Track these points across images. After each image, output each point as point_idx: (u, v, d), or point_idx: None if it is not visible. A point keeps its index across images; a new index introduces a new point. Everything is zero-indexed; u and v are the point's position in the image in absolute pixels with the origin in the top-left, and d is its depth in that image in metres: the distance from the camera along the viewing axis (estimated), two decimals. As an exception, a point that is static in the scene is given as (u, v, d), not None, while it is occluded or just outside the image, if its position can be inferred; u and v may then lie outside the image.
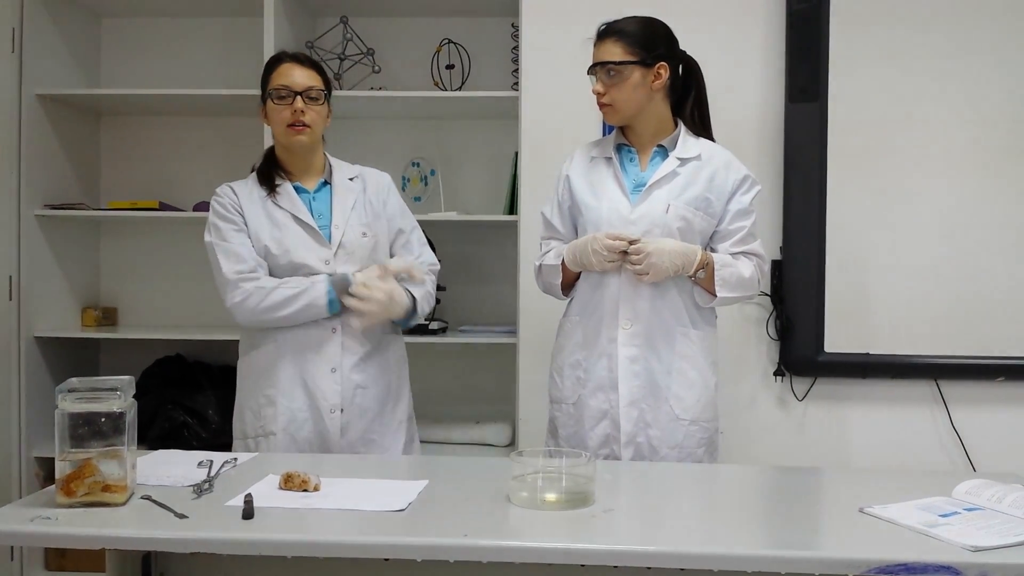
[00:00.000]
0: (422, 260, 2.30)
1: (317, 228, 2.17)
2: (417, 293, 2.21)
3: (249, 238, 2.15)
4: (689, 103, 2.17)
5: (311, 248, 2.15)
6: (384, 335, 2.25)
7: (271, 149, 2.26)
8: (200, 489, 1.63)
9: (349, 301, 2.08)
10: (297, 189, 2.22)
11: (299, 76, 2.15)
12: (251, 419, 2.18)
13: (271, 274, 2.14)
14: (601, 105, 2.11)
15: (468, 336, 3.06)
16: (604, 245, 2.03)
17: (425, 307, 2.24)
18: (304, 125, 2.14)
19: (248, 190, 2.21)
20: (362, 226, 2.21)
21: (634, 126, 2.16)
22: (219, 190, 2.22)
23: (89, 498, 1.52)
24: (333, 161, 2.30)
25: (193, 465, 1.80)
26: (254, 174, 2.25)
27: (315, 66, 2.21)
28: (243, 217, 2.17)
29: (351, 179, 2.27)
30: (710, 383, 2.14)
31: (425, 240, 2.36)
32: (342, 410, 2.15)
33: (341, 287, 2.10)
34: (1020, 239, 2.78)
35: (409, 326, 2.31)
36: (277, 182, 2.21)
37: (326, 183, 2.25)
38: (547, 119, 2.86)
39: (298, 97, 2.13)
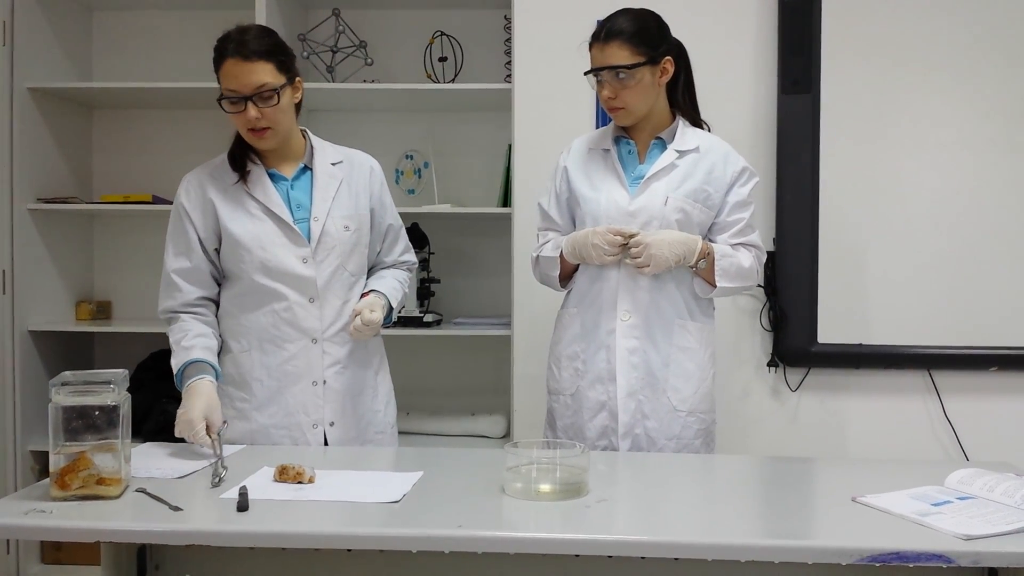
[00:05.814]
0: (404, 259, 2.22)
1: (292, 223, 1.96)
2: (394, 300, 2.10)
3: (201, 243, 1.97)
4: (680, 87, 2.16)
5: (286, 246, 1.96)
6: (362, 342, 2.08)
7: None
8: (217, 475, 1.63)
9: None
10: (274, 177, 2.01)
11: (245, 75, 1.86)
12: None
13: (245, 269, 1.95)
14: (612, 109, 2.08)
15: (462, 328, 3.05)
16: (604, 239, 2.02)
17: (399, 306, 2.16)
18: (263, 128, 1.92)
19: (219, 175, 2.00)
20: (344, 219, 2.02)
21: (635, 120, 2.15)
22: (182, 185, 2.01)
23: (84, 491, 1.52)
24: (316, 143, 2.07)
25: (187, 458, 1.80)
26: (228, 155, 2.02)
27: (263, 53, 1.88)
28: (200, 219, 1.96)
29: (334, 164, 2.06)
30: (708, 375, 2.14)
31: (406, 235, 2.25)
32: (332, 424, 2.02)
33: (188, 376, 1.94)
34: (1013, 230, 2.78)
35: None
36: (248, 167, 1.98)
37: (307, 168, 2.04)
38: (540, 111, 2.85)
39: (248, 103, 1.88)
